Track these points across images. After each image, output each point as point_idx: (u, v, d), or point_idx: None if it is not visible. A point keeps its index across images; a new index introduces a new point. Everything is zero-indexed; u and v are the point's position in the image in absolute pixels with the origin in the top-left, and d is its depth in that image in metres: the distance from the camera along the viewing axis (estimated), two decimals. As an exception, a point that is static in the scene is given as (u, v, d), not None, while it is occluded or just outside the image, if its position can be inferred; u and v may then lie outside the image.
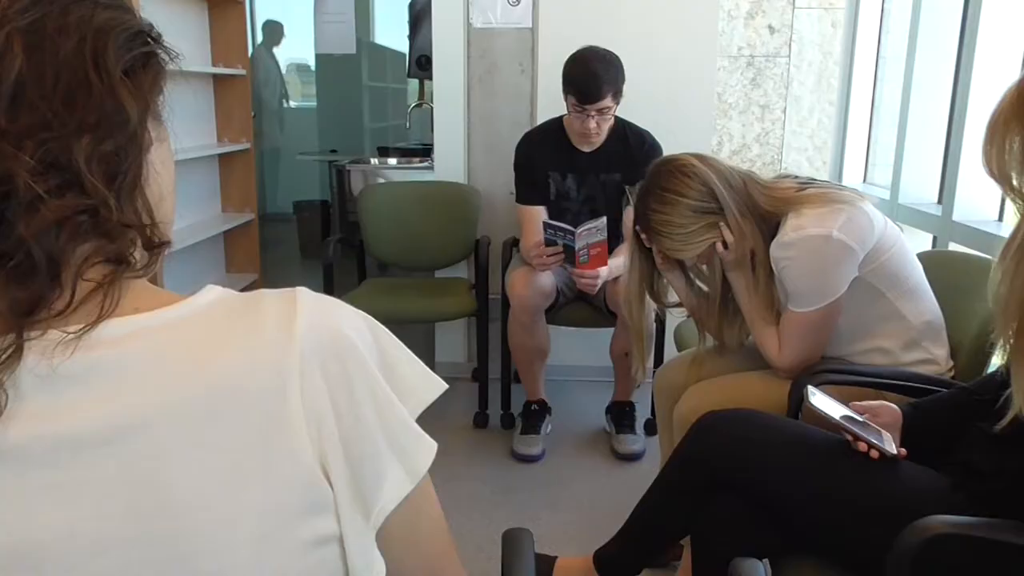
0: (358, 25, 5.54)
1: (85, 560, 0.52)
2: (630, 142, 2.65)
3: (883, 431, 1.34)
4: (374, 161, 5.02)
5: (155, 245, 0.59)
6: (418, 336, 3.38)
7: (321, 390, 0.56)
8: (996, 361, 1.59)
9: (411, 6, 4.71)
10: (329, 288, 2.96)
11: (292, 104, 7.20)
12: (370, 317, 0.63)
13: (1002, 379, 1.18)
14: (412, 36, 4.70)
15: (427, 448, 0.62)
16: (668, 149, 2.48)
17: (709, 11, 2.98)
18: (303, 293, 0.60)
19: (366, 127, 6.73)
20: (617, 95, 2.50)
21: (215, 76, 3.89)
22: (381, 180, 4.51)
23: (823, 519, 1.28)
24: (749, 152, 3.23)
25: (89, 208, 0.53)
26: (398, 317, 2.77)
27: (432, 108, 3.22)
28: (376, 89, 6.76)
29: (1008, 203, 2.18)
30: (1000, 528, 1.10)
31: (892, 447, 1.30)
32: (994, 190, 2.20)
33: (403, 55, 5.66)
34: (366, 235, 3.13)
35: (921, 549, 1.06)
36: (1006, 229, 2.16)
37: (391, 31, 6.63)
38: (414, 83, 5.55)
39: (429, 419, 0.61)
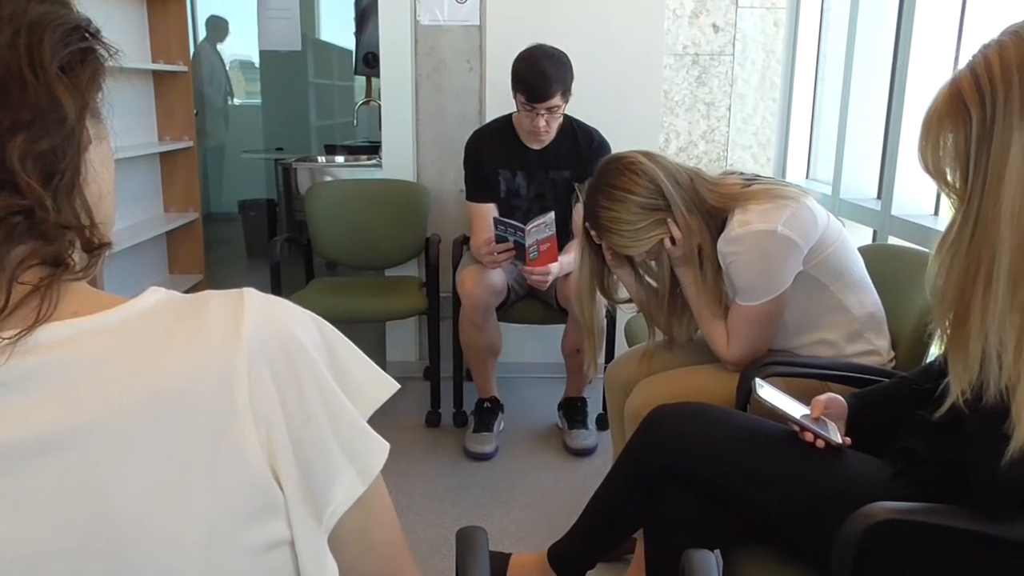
0: (303, 21, 5.47)
1: (26, 572, 0.50)
2: (579, 140, 2.66)
3: (828, 421, 1.37)
4: (321, 159, 4.96)
5: (95, 247, 0.57)
6: (368, 336, 3.35)
7: (270, 392, 0.55)
8: (934, 351, 1.64)
9: (357, 3, 4.67)
10: (276, 288, 2.92)
11: (237, 101, 7.07)
12: (319, 317, 0.62)
13: (940, 368, 1.22)
14: (359, 33, 4.66)
15: (379, 448, 0.61)
16: (616, 146, 2.50)
17: (655, 10, 3.01)
18: (250, 294, 0.58)
19: (312, 125, 6.65)
20: (566, 94, 2.51)
21: (155, 73, 3.80)
22: (328, 178, 4.46)
23: (772, 509, 1.30)
24: (695, 149, 3.27)
25: (24, 209, 0.52)
26: (348, 317, 2.74)
27: (380, 105, 3.19)
28: (322, 86, 6.68)
29: (943, 198, 2.25)
30: (940, 513, 1.14)
31: (837, 437, 1.33)
32: (930, 185, 2.27)
33: (350, 52, 5.61)
34: (314, 234, 3.09)
35: (865, 535, 1.09)
36: (942, 223, 2.23)
37: (337, 28, 6.56)
38: (361, 80, 5.50)
39: (380, 419, 0.60)
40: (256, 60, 6.87)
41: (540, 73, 2.45)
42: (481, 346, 2.69)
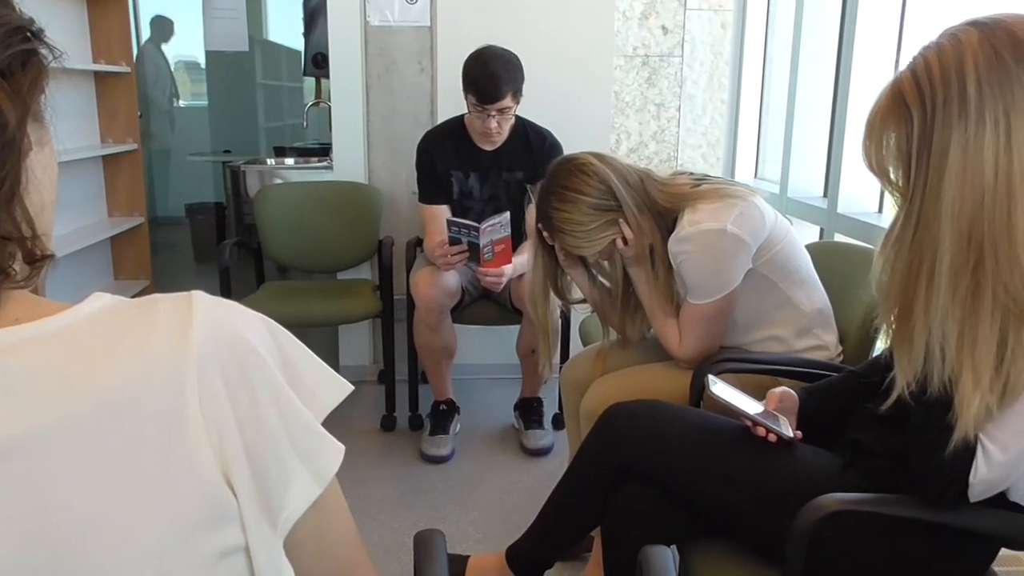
0: (250, 22, 5.39)
1: None
2: (531, 141, 2.67)
3: (780, 416, 1.39)
4: (270, 161, 4.89)
5: (37, 259, 0.55)
6: (321, 339, 3.31)
7: (221, 397, 0.54)
8: (880, 345, 1.68)
9: (305, 3, 4.62)
10: (226, 293, 2.86)
11: (183, 103, 6.92)
12: (271, 320, 0.61)
13: (886, 362, 1.25)
14: (307, 34, 4.61)
15: (334, 451, 0.61)
16: (568, 147, 2.51)
17: (604, 12, 3.04)
18: (199, 297, 0.57)
19: (261, 126, 6.55)
20: (517, 95, 2.51)
21: (97, 74, 3.70)
22: (278, 181, 4.40)
23: (727, 503, 1.32)
24: (646, 150, 3.31)
25: None
26: (300, 321, 2.71)
27: (330, 107, 3.16)
28: (271, 87, 6.59)
29: (887, 196, 2.31)
30: (888, 502, 1.17)
31: (789, 431, 1.35)
32: (874, 184, 2.33)
33: (298, 53, 5.55)
34: (264, 237, 3.05)
35: (818, 526, 1.11)
36: (886, 220, 2.28)
37: (285, 28, 6.47)
38: (310, 81, 5.44)
39: (335, 424, 0.59)
40: (202, 61, 6.74)
41: (491, 74, 2.45)
42: (436, 348, 2.68)
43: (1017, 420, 1.04)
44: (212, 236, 5.26)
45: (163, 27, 6.29)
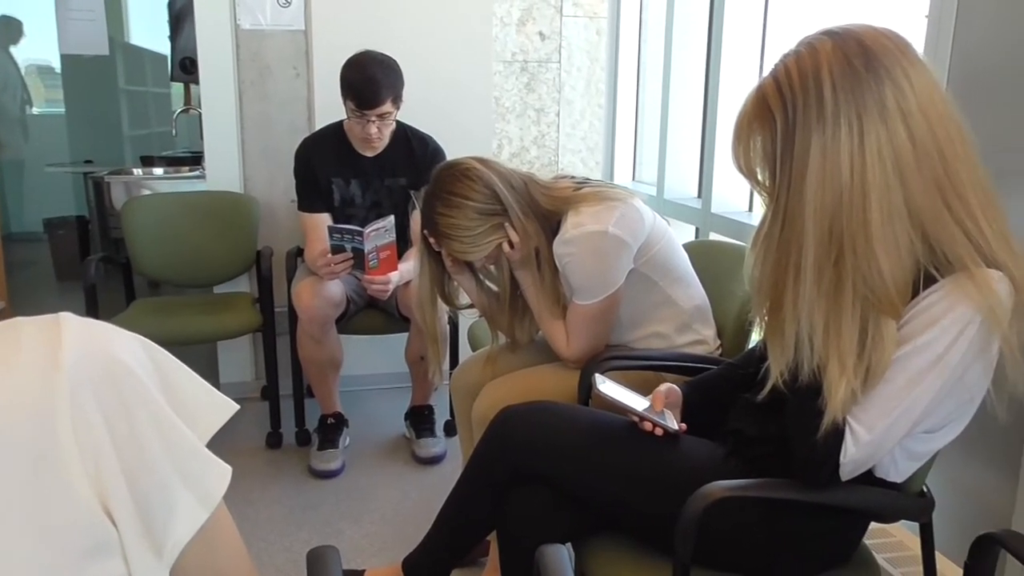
0: (110, 24, 5.09)
1: None
2: (413, 146, 2.65)
3: (665, 410, 1.44)
4: (137, 171, 4.65)
5: None
6: (199, 357, 3.17)
7: (96, 423, 0.51)
8: (755, 337, 1.77)
9: (170, 5, 4.42)
10: (93, 312, 2.70)
11: (36, 110, 6.48)
12: (146, 340, 0.57)
13: (761, 353, 1.31)
14: (173, 37, 4.41)
15: (220, 473, 0.58)
16: (450, 153, 2.51)
17: (482, 17, 3.06)
18: (67, 318, 0.53)
19: (125, 135, 6.21)
20: (397, 100, 2.49)
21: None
22: (147, 191, 4.18)
23: (618, 497, 1.35)
24: (528, 154, 3.35)
25: None
26: (175, 338, 2.59)
27: (200, 114, 3.03)
28: (135, 93, 6.25)
29: (756, 195, 2.43)
30: (769, 486, 1.23)
31: (673, 424, 1.40)
32: (743, 184, 2.44)
33: (165, 57, 5.29)
34: (132, 252, 2.89)
35: (704, 515, 1.15)
36: (756, 219, 2.40)
37: (149, 31, 6.16)
38: (179, 87, 5.21)
39: (217, 444, 0.57)
40: (57, 65, 6.33)
41: (370, 79, 2.42)
42: (321, 361, 2.62)
43: (880, 402, 1.11)
44: (75, 252, 4.95)
45: (10, 28, 5.86)
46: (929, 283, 1.09)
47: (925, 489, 1.31)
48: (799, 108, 1.09)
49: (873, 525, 1.38)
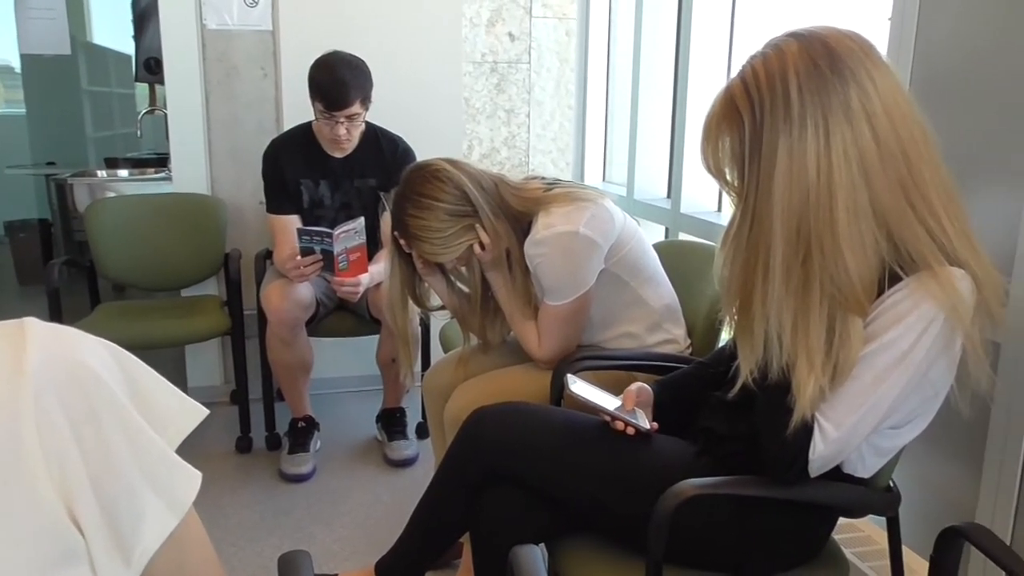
0: (72, 23, 5.00)
1: None
2: (383, 147, 2.64)
3: (637, 409, 1.45)
4: (101, 173, 4.57)
5: None
6: (166, 361, 3.12)
7: (62, 429, 0.50)
8: (725, 336, 1.78)
9: (133, 4, 4.36)
10: (57, 316, 2.65)
11: (-4, 112, 6.35)
12: (113, 345, 0.56)
13: (731, 352, 1.33)
14: (137, 37, 4.35)
15: (190, 479, 0.57)
16: (420, 154, 2.51)
17: (452, 18, 3.05)
18: (32, 323, 0.52)
19: (89, 136, 6.10)
20: (366, 101, 2.48)
21: None
22: (111, 194, 4.10)
23: (591, 497, 1.36)
24: (498, 155, 3.35)
25: None
26: (142, 343, 2.55)
27: (166, 115, 2.99)
28: (98, 94, 6.15)
29: (725, 196, 2.46)
30: (739, 484, 1.24)
31: (645, 423, 1.41)
32: (712, 185, 2.46)
33: (129, 57, 5.22)
34: (97, 255, 2.84)
35: (676, 513, 1.16)
36: (725, 219, 2.43)
37: (112, 30, 6.06)
38: (143, 87, 5.12)
39: (186, 449, 0.56)
40: (17, 65, 6.20)
41: (338, 80, 2.40)
42: (291, 364, 2.59)
43: (847, 399, 1.12)
44: (37, 255, 4.85)
45: (-32, 28, 5.74)
46: (894, 281, 1.11)
47: (892, 484, 1.33)
48: (766, 109, 1.10)
49: (841, 520, 1.40)
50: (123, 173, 4.58)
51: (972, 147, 1.49)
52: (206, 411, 0.60)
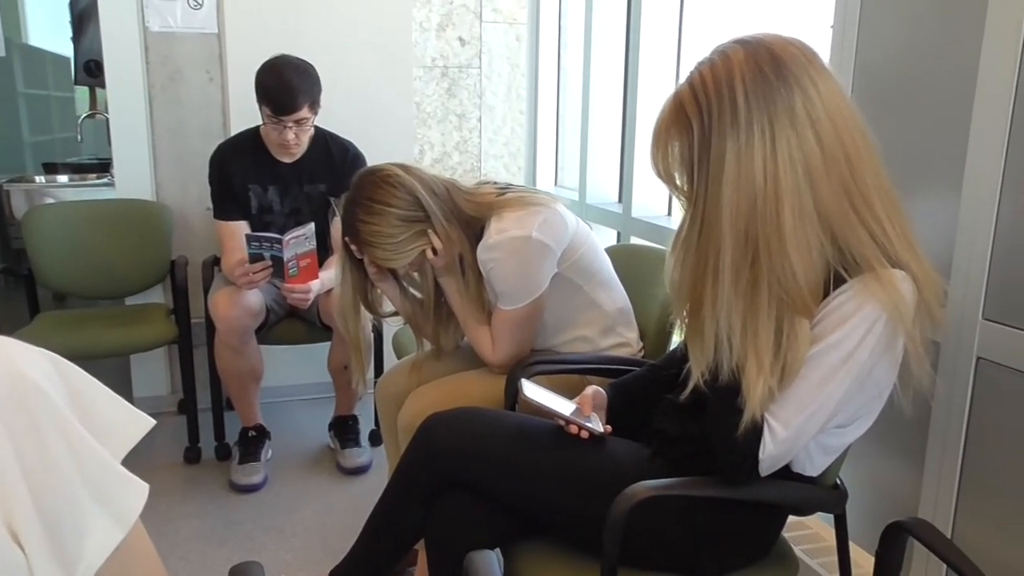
0: (5, 24, 4.86)
1: None
2: (333, 152, 2.61)
3: (591, 412, 1.45)
4: (40, 179, 4.44)
5: None
6: (111, 372, 3.04)
7: (1, 442, 0.48)
8: (676, 339, 1.81)
9: (71, 5, 4.25)
10: (-7, 327, 2.56)
11: (-75, 115, 6.11)
12: (55, 355, 0.55)
13: (682, 354, 1.34)
14: (76, 39, 4.24)
15: (137, 491, 0.56)
16: (371, 159, 2.49)
17: (401, 22, 3.04)
18: None
19: (26, 141, 5.91)
20: (314, 105, 2.45)
21: None
22: (50, 200, 4.00)
23: (546, 501, 1.36)
24: (450, 160, 3.35)
25: None
26: (85, 352, 2.48)
27: (108, 119, 2.92)
28: (35, 97, 5.96)
29: (675, 200, 2.49)
30: (692, 485, 1.25)
31: (599, 426, 1.41)
32: (663, 190, 2.49)
33: (67, 59, 5.08)
34: (36, 263, 2.76)
35: (630, 515, 1.17)
36: (675, 223, 2.46)
37: (49, 32, 5.89)
38: (84, 91, 4.99)
39: (132, 461, 0.55)
40: (-53, 67, 5.98)
41: (286, 84, 2.37)
42: (241, 372, 2.55)
43: (795, 399, 1.15)
44: (-29, 264, 4.68)
45: None
46: (839, 283, 1.13)
47: (839, 482, 1.36)
48: (714, 115, 1.12)
49: (791, 519, 1.43)
50: (63, 179, 4.46)
51: (911, 153, 1.53)
52: (152, 421, 0.58)
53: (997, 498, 1.40)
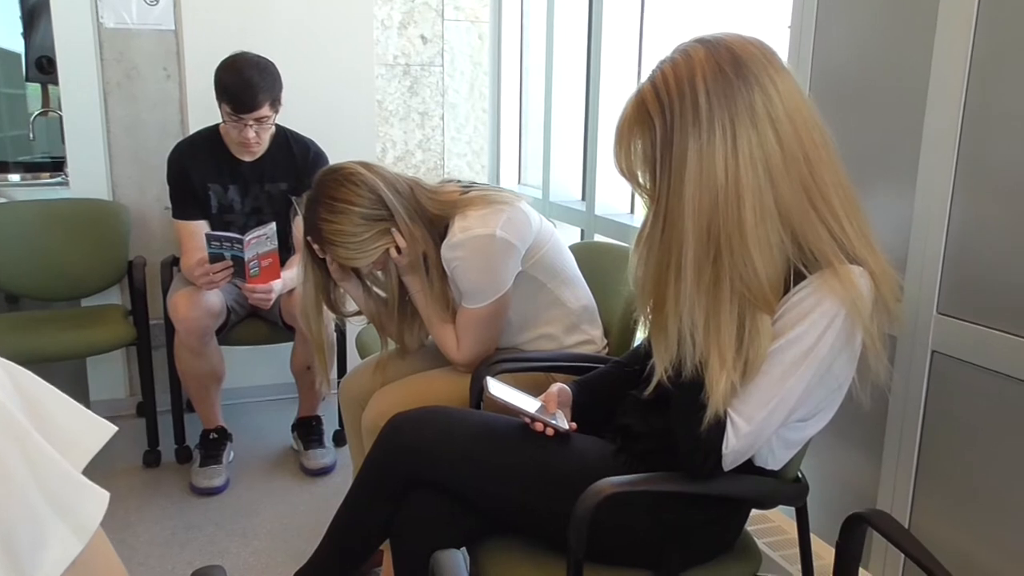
0: (-47, 19, 4.71)
1: None
2: (294, 151, 2.58)
3: (556, 410, 1.46)
4: (-10, 178, 4.32)
5: None
6: (66, 375, 2.98)
7: None
8: (640, 335, 1.82)
9: (22, 0, 4.13)
10: (-58, 330, 2.49)
11: None
12: (8, 362, 0.53)
13: (646, 351, 1.35)
14: (27, 34, 4.13)
15: (96, 500, 0.54)
16: (333, 157, 2.47)
17: (362, 20, 3.01)
18: None
19: (-25, 139, 5.76)
20: (275, 103, 2.42)
21: None
22: (2, 200, 3.89)
23: (511, 498, 1.36)
24: (413, 158, 3.33)
25: None
26: (38, 356, 2.43)
27: (61, 116, 2.85)
28: (-15, 94, 5.81)
29: (638, 198, 2.51)
30: (656, 480, 1.26)
31: (564, 423, 1.42)
32: (625, 187, 2.51)
33: (18, 55, 4.95)
34: (-13, 264, 2.69)
35: (596, 511, 1.17)
36: (638, 220, 2.48)
37: (-1, 27, 5.74)
38: (35, 88, 4.87)
39: (90, 467, 0.54)
40: None
41: (245, 82, 2.34)
42: (201, 374, 2.51)
43: (757, 394, 1.16)
44: (-81, 266, 4.54)
45: None
46: (799, 279, 1.15)
47: (800, 475, 1.38)
48: (676, 113, 1.13)
49: (754, 512, 1.45)
50: (14, 178, 4.35)
51: (867, 151, 1.56)
52: (114, 428, 0.57)
53: (952, 488, 1.43)
